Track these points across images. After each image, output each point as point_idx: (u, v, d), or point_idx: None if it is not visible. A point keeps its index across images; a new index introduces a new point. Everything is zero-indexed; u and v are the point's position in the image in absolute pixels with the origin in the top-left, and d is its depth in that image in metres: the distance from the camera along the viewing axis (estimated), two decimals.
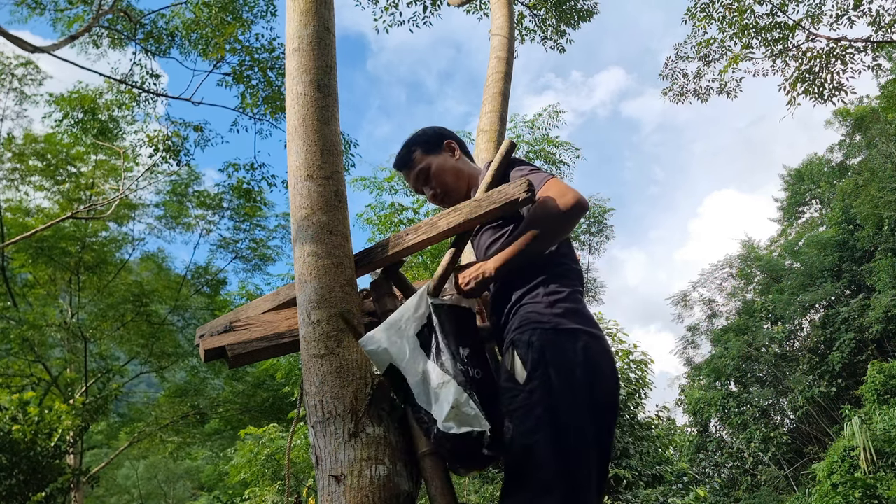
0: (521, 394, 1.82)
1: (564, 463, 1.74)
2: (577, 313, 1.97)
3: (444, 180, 2.35)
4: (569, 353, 1.86)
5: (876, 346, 21.30)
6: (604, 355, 1.95)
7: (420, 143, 2.39)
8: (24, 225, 15.23)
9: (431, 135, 2.41)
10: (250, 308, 2.35)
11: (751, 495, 21.37)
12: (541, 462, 1.74)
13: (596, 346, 1.93)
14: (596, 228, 20.55)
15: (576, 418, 1.80)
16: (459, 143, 2.45)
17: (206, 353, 2.22)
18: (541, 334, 1.88)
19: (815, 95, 10.49)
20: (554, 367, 1.83)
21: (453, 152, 2.39)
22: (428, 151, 2.37)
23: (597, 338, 1.95)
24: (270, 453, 12.18)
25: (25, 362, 15.41)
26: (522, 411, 1.80)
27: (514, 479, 1.79)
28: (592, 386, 1.86)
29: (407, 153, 2.39)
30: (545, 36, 11.37)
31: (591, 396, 1.84)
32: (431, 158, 2.36)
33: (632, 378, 11.24)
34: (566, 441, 1.77)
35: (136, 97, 12.75)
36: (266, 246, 18.94)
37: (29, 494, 8.64)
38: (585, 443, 1.79)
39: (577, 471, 1.76)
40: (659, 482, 10.68)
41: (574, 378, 1.83)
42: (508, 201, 2.01)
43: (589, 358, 1.88)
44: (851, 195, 23.52)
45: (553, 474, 1.73)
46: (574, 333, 1.91)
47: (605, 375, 1.92)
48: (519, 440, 1.78)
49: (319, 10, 2.51)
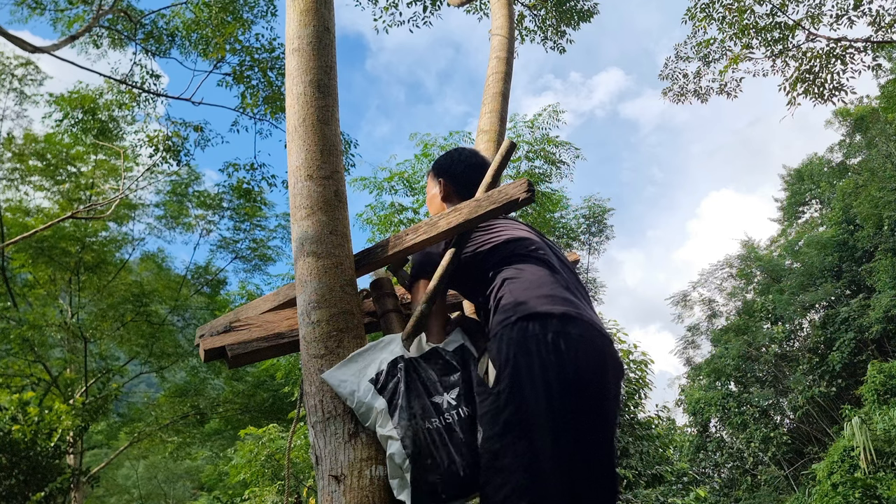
0: (490, 396, 1.74)
1: (536, 468, 1.63)
2: (551, 298, 1.82)
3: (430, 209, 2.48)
4: (539, 346, 1.71)
5: (876, 346, 21.31)
6: (582, 341, 1.75)
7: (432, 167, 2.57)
8: (24, 225, 15.22)
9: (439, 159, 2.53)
10: (250, 308, 2.35)
11: (751, 495, 21.37)
12: (508, 467, 1.64)
13: (571, 330, 1.75)
14: (596, 228, 20.53)
15: (549, 420, 1.66)
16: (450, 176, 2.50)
17: (206, 353, 2.22)
18: (509, 331, 1.77)
19: (815, 95, 10.49)
20: (521, 366, 1.71)
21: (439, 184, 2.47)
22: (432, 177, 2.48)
23: (571, 319, 1.77)
24: (270, 453, 12.17)
25: (25, 362, 15.41)
26: (490, 415, 1.72)
27: (487, 483, 1.70)
28: (570, 379, 1.69)
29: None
30: (545, 36, 11.37)
31: (568, 395, 1.68)
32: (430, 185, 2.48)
33: (632, 378, 11.24)
34: (538, 444, 1.64)
35: (136, 97, 12.75)
36: (266, 246, 18.96)
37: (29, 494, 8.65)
38: (563, 444, 1.65)
39: (553, 475, 1.62)
40: (659, 482, 10.69)
41: (545, 374, 1.68)
42: (509, 201, 2.01)
43: (562, 347, 1.71)
44: (851, 195, 23.52)
45: (524, 479, 1.62)
46: (543, 320, 1.75)
47: (587, 367, 1.73)
48: (486, 444, 1.71)
49: (319, 10, 2.51)
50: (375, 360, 1.91)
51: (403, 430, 1.77)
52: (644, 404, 11.35)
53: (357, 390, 1.85)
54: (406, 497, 1.73)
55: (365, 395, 1.84)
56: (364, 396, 1.84)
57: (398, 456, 1.75)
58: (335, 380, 1.89)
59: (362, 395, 1.84)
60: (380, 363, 1.90)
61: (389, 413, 1.80)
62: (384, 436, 1.79)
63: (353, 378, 1.88)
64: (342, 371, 1.90)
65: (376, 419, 1.82)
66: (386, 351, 1.93)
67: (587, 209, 19.49)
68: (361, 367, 1.90)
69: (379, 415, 1.81)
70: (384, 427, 1.80)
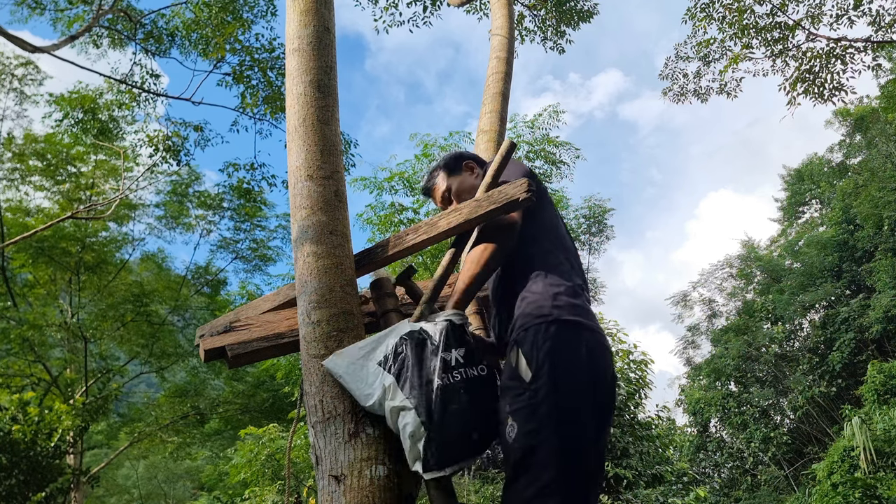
0: (526, 392, 1.83)
1: (567, 463, 1.76)
2: (578, 308, 1.98)
3: (464, 198, 2.46)
4: (574, 351, 1.88)
5: (876, 346, 21.30)
6: (604, 352, 1.96)
7: (442, 167, 2.56)
8: (24, 225, 15.22)
9: (451, 158, 2.59)
10: (251, 308, 2.35)
11: (751, 495, 21.36)
12: (544, 462, 1.75)
13: (597, 342, 1.94)
14: (596, 229, 20.52)
15: (579, 418, 1.82)
16: (478, 162, 2.59)
17: (207, 353, 2.23)
18: (545, 331, 1.89)
19: (815, 95, 10.49)
20: (559, 365, 1.84)
21: (472, 171, 2.53)
22: (450, 174, 2.52)
23: (597, 333, 1.97)
24: (270, 453, 12.17)
25: (25, 362, 15.41)
26: (527, 410, 1.81)
27: (517, 478, 1.79)
28: (595, 385, 1.88)
29: (431, 178, 2.58)
30: (545, 36, 11.36)
31: (594, 396, 1.87)
32: (452, 180, 2.51)
33: (632, 378, 11.24)
34: (569, 441, 1.78)
35: (136, 97, 12.73)
36: (266, 246, 18.95)
37: (29, 494, 8.65)
38: (587, 442, 1.81)
39: (579, 471, 1.78)
40: (659, 482, 10.69)
41: (578, 377, 1.85)
42: (509, 202, 2.02)
43: (592, 356, 1.90)
44: (851, 195, 23.51)
45: (556, 475, 1.74)
46: (576, 329, 1.92)
47: (606, 373, 1.94)
48: (522, 440, 1.79)
49: (319, 10, 2.51)
50: (382, 344, 1.92)
51: (416, 398, 1.79)
52: (644, 404, 11.36)
53: (362, 376, 1.86)
54: (419, 467, 1.76)
55: (374, 376, 1.85)
56: (371, 378, 1.85)
57: (412, 424, 1.76)
58: (335, 366, 1.90)
59: (369, 377, 1.86)
60: (386, 346, 1.91)
61: (399, 386, 1.82)
62: (396, 407, 1.80)
63: (359, 362, 1.89)
64: (342, 357, 1.92)
65: (384, 395, 1.82)
66: (392, 335, 1.94)
67: (587, 209, 19.50)
68: (367, 351, 1.91)
69: (388, 390, 1.82)
70: (395, 399, 1.81)
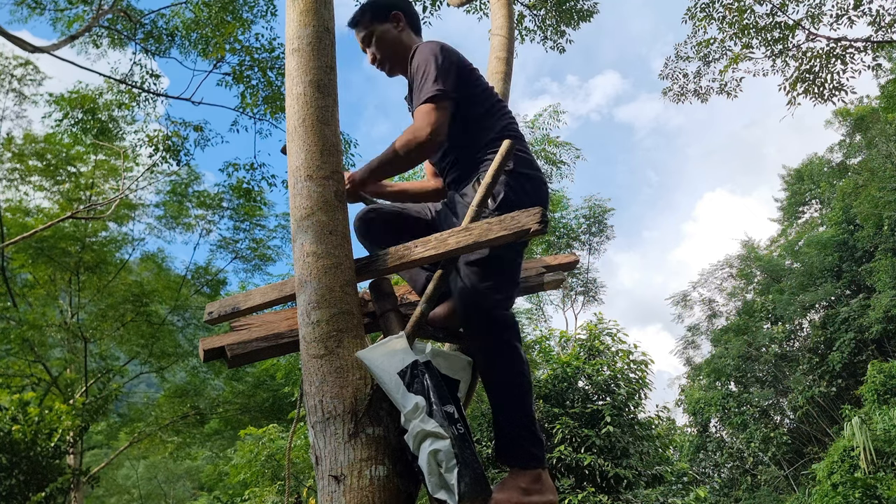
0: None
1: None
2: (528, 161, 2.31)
3: (382, 48, 2.52)
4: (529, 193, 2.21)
5: (876, 346, 21.31)
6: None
7: (371, 8, 2.54)
8: (24, 225, 15.21)
9: (383, 2, 2.56)
10: (258, 294, 2.36)
11: (751, 495, 21.37)
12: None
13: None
14: (596, 229, 20.53)
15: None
16: (408, 16, 2.57)
17: (206, 353, 2.23)
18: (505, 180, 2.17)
19: (815, 95, 10.48)
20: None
21: (398, 23, 2.53)
22: (374, 18, 2.52)
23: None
24: (270, 453, 12.18)
25: (25, 362, 15.40)
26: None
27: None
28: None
29: (359, 14, 2.56)
30: (545, 36, 11.35)
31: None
32: (376, 26, 2.51)
33: (632, 378, 11.24)
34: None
35: (136, 97, 12.72)
36: (266, 246, 18.92)
37: (29, 494, 8.65)
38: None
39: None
40: (659, 482, 10.69)
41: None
42: (520, 230, 1.98)
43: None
44: (851, 195, 23.53)
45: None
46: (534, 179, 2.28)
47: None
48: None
49: (319, 11, 2.51)
50: (398, 354, 1.91)
51: (448, 430, 1.78)
52: (644, 404, 11.35)
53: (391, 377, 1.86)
54: (447, 496, 1.75)
55: (396, 387, 1.85)
56: (396, 388, 1.85)
57: (444, 454, 1.75)
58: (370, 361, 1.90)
59: (393, 386, 1.85)
60: (402, 359, 1.90)
61: (429, 412, 1.81)
62: (428, 431, 1.78)
63: (387, 360, 1.89)
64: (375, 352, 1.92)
65: (415, 412, 1.81)
66: (405, 351, 1.93)
67: (587, 209, 19.51)
68: (390, 352, 1.91)
69: (419, 409, 1.81)
70: (426, 423, 1.79)
